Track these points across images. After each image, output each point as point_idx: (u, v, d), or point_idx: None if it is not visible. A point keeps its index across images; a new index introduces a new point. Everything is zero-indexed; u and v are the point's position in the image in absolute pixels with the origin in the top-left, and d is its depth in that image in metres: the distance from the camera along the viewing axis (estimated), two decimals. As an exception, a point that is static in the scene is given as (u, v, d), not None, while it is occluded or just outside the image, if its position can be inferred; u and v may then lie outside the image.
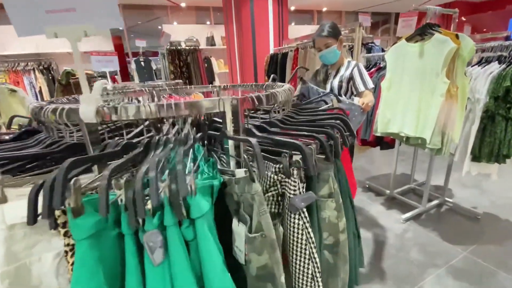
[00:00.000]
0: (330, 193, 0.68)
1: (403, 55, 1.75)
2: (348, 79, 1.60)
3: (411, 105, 1.74)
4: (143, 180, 0.42)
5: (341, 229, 0.71)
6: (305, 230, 0.58)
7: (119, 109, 0.54)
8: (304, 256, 0.59)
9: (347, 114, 1.19)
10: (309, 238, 0.58)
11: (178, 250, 0.45)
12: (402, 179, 2.75)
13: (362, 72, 1.58)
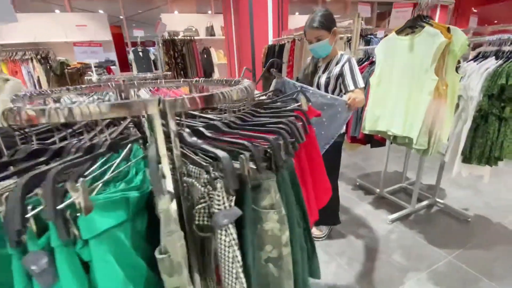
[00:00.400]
0: (272, 204, 0.63)
1: (393, 49, 1.65)
2: (337, 75, 1.47)
3: (400, 102, 1.65)
4: (21, 193, 0.38)
5: (284, 242, 0.66)
6: (231, 248, 0.53)
7: (21, 112, 0.49)
8: (231, 274, 0.54)
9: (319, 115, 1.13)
10: (235, 256, 0.53)
11: (67, 274, 0.41)
12: (394, 178, 2.68)
13: (353, 69, 1.44)
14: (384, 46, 1.72)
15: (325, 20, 1.38)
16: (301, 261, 0.69)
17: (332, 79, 1.49)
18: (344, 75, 1.45)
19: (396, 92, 1.67)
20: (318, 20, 1.38)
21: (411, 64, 1.55)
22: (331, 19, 1.41)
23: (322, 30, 1.40)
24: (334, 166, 1.72)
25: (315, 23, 1.39)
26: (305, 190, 0.93)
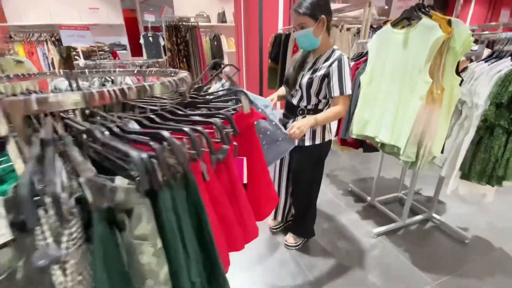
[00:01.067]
0: (145, 235, 0.52)
1: (387, 44, 1.43)
2: (322, 76, 1.25)
3: (389, 106, 1.44)
4: None
5: (162, 280, 0.55)
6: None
7: None
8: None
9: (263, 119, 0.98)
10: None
11: None
12: (390, 185, 2.46)
13: (342, 70, 1.22)
14: (377, 40, 1.49)
15: (311, 6, 1.16)
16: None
17: (316, 80, 1.27)
18: (330, 76, 1.24)
19: (386, 94, 1.46)
20: (304, 5, 1.16)
21: (404, 62, 1.33)
22: (321, 5, 1.17)
23: (306, 17, 1.17)
24: (312, 179, 1.56)
25: (300, 8, 1.17)
26: (236, 206, 0.81)
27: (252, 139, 0.88)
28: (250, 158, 0.88)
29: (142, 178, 0.47)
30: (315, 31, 1.20)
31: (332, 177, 2.66)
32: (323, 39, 1.26)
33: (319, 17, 1.18)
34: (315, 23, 1.18)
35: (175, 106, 0.78)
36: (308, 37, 1.21)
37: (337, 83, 1.23)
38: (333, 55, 1.27)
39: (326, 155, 1.53)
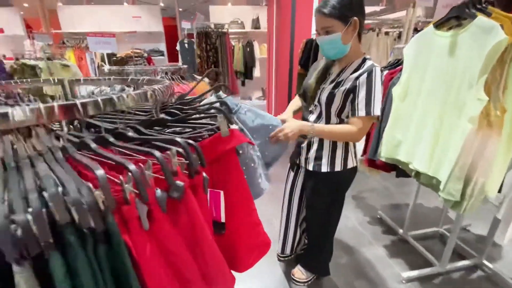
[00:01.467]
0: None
1: (428, 49, 1.15)
2: (347, 91, 1.01)
3: (428, 127, 1.15)
4: None
5: None
6: None
7: None
8: None
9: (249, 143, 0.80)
10: None
11: None
12: (430, 217, 2.06)
13: (372, 85, 0.97)
14: (415, 45, 1.21)
15: (340, 5, 0.92)
16: None
17: (338, 95, 1.02)
18: (357, 92, 0.99)
19: (424, 112, 1.17)
20: (330, 4, 0.92)
21: (450, 74, 1.04)
22: (353, 5, 0.94)
23: (333, 20, 0.93)
24: (329, 211, 1.30)
25: (326, 7, 0.93)
26: (201, 258, 0.63)
27: (231, 168, 0.71)
28: (230, 192, 0.71)
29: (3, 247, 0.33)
30: (344, 36, 0.96)
31: (359, 200, 2.34)
32: (353, 46, 1.01)
33: (350, 20, 0.93)
34: (344, 27, 0.94)
35: (132, 125, 0.65)
36: (335, 44, 0.97)
37: (363, 100, 0.98)
38: (363, 66, 1.02)
39: (348, 185, 1.27)
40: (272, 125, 1.02)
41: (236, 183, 0.71)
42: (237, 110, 1.02)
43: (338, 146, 1.13)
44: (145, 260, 0.51)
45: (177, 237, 0.58)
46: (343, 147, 1.14)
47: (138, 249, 0.50)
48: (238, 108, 1.02)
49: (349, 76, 1.03)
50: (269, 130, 1.03)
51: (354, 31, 0.98)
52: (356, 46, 1.03)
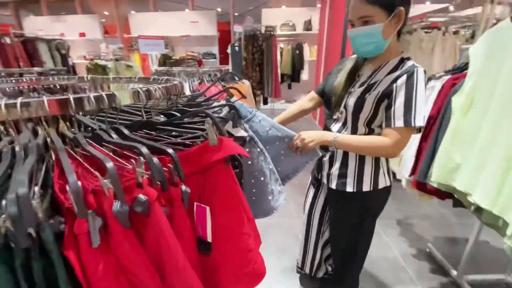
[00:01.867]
0: None
1: (503, 50, 0.87)
2: (381, 95, 0.83)
3: (496, 150, 0.87)
4: None
5: None
6: None
7: None
8: None
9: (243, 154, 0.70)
10: None
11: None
12: (494, 259, 1.62)
13: (415, 88, 0.78)
14: (486, 44, 0.94)
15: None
16: None
17: (369, 100, 0.85)
18: (393, 97, 0.81)
19: (493, 130, 0.89)
20: None
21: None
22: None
23: (376, 7, 0.76)
24: (355, 238, 1.10)
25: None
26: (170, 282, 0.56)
27: (219, 182, 0.61)
28: (216, 210, 0.61)
29: None
30: (386, 29, 0.78)
31: (405, 227, 2.01)
32: (392, 43, 0.84)
33: (396, 9, 0.77)
34: (387, 18, 0.77)
35: (115, 127, 0.61)
36: (375, 37, 0.79)
37: (402, 107, 0.79)
38: (402, 67, 0.83)
39: (380, 208, 1.05)
40: (288, 137, 0.91)
41: (223, 201, 0.62)
42: (250, 118, 0.94)
43: (367, 161, 0.94)
44: (96, 278, 0.46)
45: (141, 256, 0.51)
46: (372, 163, 0.94)
47: (87, 267, 0.45)
48: (252, 116, 0.94)
49: (384, 78, 0.84)
50: (284, 143, 0.92)
51: (398, 23, 0.80)
52: (395, 44, 0.85)
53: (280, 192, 0.93)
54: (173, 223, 0.57)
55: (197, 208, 0.63)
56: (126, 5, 7.08)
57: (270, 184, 0.91)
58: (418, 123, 0.78)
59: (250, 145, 0.87)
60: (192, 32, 6.31)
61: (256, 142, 0.88)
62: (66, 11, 6.96)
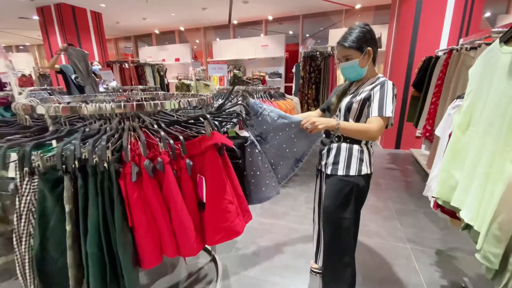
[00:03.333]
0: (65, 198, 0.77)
1: (492, 69, 0.90)
2: (363, 99, 1.16)
3: (480, 167, 0.89)
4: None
5: (67, 231, 0.77)
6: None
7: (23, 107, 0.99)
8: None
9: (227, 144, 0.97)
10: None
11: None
12: None
13: (385, 92, 1.12)
14: (481, 64, 0.97)
15: (358, 39, 1.13)
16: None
17: (356, 104, 1.17)
18: (372, 98, 1.14)
19: (479, 147, 0.92)
20: (349, 39, 1.14)
21: (506, 100, 0.79)
22: (368, 38, 1.15)
23: (351, 50, 1.15)
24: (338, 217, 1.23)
25: (346, 41, 1.15)
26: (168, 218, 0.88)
27: (209, 160, 0.93)
28: (207, 180, 0.93)
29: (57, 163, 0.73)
30: (360, 63, 1.16)
31: (443, 257, 1.83)
32: (369, 69, 1.20)
33: (365, 50, 1.14)
34: (360, 55, 1.15)
35: (158, 122, 1.01)
36: (354, 68, 1.17)
37: (377, 104, 1.12)
38: (377, 81, 1.18)
39: (362, 193, 1.22)
40: (294, 123, 1.19)
41: (211, 174, 0.93)
42: (261, 112, 1.23)
43: (354, 154, 1.20)
44: (133, 200, 0.83)
45: (156, 196, 0.87)
46: (358, 155, 1.20)
47: (129, 192, 0.83)
48: (262, 110, 1.23)
49: (365, 88, 1.18)
50: (292, 128, 1.20)
51: (369, 58, 1.16)
52: (371, 69, 1.20)
53: (274, 187, 1.19)
54: (180, 183, 0.92)
55: (199, 179, 0.96)
56: (212, 34, 8.43)
57: (265, 178, 1.18)
58: (388, 114, 1.09)
59: (252, 146, 1.17)
60: (262, 54, 7.00)
61: (256, 145, 1.17)
62: (169, 41, 8.82)
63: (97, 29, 6.02)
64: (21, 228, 0.77)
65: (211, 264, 1.72)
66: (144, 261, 0.86)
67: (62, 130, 0.92)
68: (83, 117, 1.19)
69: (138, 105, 0.90)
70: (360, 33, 1.13)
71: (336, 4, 6.32)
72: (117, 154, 0.84)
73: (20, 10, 5.69)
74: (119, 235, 0.79)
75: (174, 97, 1.60)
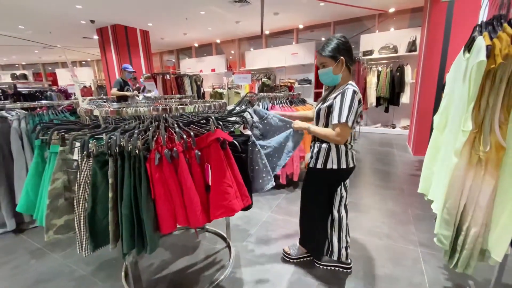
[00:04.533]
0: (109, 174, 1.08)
1: (458, 74, 1.00)
2: (328, 107, 1.34)
3: (445, 160, 0.99)
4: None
5: (110, 197, 1.07)
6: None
7: (84, 110, 1.37)
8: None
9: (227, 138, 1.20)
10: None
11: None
12: None
13: (344, 101, 1.26)
14: (453, 70, 1.07)
15: (333, 49, 1.30)
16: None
17: (323, 110, 1.37)
18: (333, 107, 1.30)
19: (446, 144, 1.01)
20: (326, 49, 1.32)
21: (462, 100, 0.90)
22: (342, 49, 1.30)
23: (326, 58, 1.32)
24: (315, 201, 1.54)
25: (323, 50, 1.33)
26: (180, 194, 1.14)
27: (212, 152, 1.18)
28: (211, 167, 1.18)
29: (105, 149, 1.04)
30: (334, 70, 1.32)
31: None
32: (343, 76, 1.34)
33: (339, 59, 1.29)
34: (334, 63, 1.31)
35: (178, 122, 1.29)
36: (328, 74, 1.34)
37: (337, 112, 1.26)
38: (343, 88, 1.32)
39: (327, 182, 1.48)
40: (288, 123, 1.55)
41: (214, 162, 1.17)
42: (266, 117, 1.48)
43: (321, 152, 1.41)
44: (155, 179, 1.12)
45: (172, 177, 1.14)
46: (324, 153, 1.39)
47: (152, 172, 1.11)
48: (267, 115, 1.49)
49: (332, 96, 1.34)
50: (287, 128, 1.56)
51: (342, 66, 1.31)
52: (346, 76, 1.35)
53: (269, 180, 1.41)
54: (191, 168, 1.18)
55: (206, 167, 1.22)
56: (246, 45, 8.90)
57: (262, 172, 1.41)
58: (343, 120, 1.23)
59: (253, 145, 1.40)
60: (291, 62, 7.20)
61: (256, 145, 1.40)
62: (206, 53, 9.54)
63: (145, 45, 6.86)
64: (80, 194, 1.10)
65: (226, 250, 1.96)
66: (163, 226, 1.13)
67: (110, 127, 1.25)
68: (125, 118, 1.55)
69: (163, 109, 1.20)
70: (335, 44, 1.29)
71: (368, 10, 6.28)
72: (147, 144, 1.14)
73: (83, 31, 6.78)
74: (144, 203, 1.08)
75: (193, 103, 1.90)
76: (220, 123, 1.22)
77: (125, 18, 6.01)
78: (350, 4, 5.73)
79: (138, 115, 1.31)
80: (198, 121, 1.34)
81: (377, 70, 5.79)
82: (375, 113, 6.23)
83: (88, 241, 1.11)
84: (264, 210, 2.55)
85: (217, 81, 7.73)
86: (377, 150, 4.62)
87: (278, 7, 5.82)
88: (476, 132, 0.77)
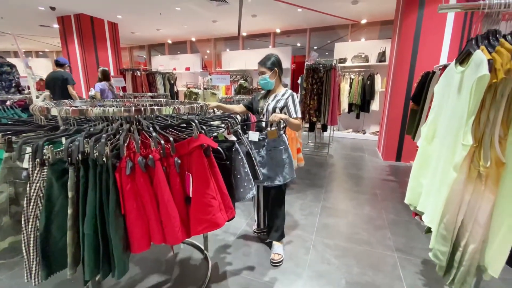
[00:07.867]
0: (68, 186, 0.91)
1: (449, 87, 1.00)
2: (282, 107, 1.76)
3: (438, 173, 0.98)
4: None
5: (69, 213, 0.90)
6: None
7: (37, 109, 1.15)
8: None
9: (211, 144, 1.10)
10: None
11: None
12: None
13: (295, 101, 1.75)
14: (442, 82, 1.07)
15: (268, 62, 1.76)
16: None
17: (278, 108, 1.76)
18: (288, 106, 1.75)
19: (438, 155, 1.01)
20: (264, 61, 1.77)
21: (457, 114, 0.89)
22: (274, 62, 1.77)
23: (264, 68, 1.77)
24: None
25: (261, 61, 1.78)
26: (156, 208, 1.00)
27: (194, 159, 1.05)
28: (193, 177, 1.05)
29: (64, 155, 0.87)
30: (270, 77, 1.77)
31: (428, 267, 1.85)
32: (276, 82, 1.81)
33: (273, 69, 1.76)
34: (270, 73, 1.76)
35: (154, 126, 1.14)
36: (265, 80, 1.77)
37: (293, 109, 1.73)
38: (287, 92, 1.79)
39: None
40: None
41: (196, 171, 1.05)
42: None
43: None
44: (126, 191, 0.96)
45: (147, 188, 0.99)
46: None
47: (123, 183, 0.96)
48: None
49: (280, 97, 1.77)
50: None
51: (275, 75, 1.77)
52: (278, 83, 1.81)
53: (250, 188, 1.31)
54: (169, 178, 1.04)
55: (186, 175, 1.08)
56: (222, 45, 8.73)
57: (243, 181, 1.31)
58: (299, 115, 1.73)
59: (236, 153, 1.29)
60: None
61: (239, 152, 1.29)
62: (180, 51, 9.18)
63: (113, 39, 6.38)
64: (30, 210, 0.91)
65: (203, 262, 1.82)
66: (134, 246, 0.98)
67: (71, 129, 1.06)
68: (90, 119, 1.35)
69: (136, 110, 1.04)
70: (273, 60, 1.75)
71: (342, 19, 6.51)
72: (116, 150, 0.98)
73: (42, 18, 6.11)
74: (112, 220, 0.91)
75: (170, 104, 1.75)
76: (204, 128, 1.09)
77: (91, 8, 5.52)
78: (325, 12, 5.89)
79: (106, 116, 1.13)
80: (178, 124, 1.20)
81: (350, 78, 6.01)
82: (348, 118, 6.45)
83: (39, 267, 0.92)
84: (243, 218, 2.45)
85: (192, 80, 7.46)
86: (350, 155, 4.76)
87: (256, 9, 5.77)
88: (476, 147, 0.75)
